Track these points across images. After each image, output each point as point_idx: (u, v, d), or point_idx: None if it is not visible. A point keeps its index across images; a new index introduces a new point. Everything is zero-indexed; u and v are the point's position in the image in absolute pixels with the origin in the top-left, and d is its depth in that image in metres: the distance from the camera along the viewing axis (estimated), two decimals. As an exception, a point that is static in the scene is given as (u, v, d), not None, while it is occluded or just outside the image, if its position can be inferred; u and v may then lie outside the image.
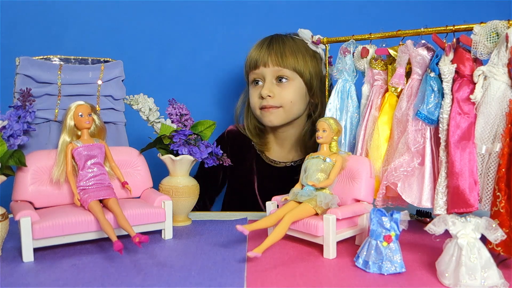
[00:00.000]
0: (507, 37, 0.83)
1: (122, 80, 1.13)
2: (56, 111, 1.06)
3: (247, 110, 1.39)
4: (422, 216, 1.10)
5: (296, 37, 1.29)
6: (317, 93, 1.30)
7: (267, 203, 0.96)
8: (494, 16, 0.90)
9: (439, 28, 0.94)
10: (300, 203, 0.88)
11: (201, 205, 1.43)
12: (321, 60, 1.29)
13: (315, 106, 1.32)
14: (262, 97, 1.28)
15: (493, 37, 0.86)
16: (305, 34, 1.27)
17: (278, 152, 1.39)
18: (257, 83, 1.31)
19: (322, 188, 0.90)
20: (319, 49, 1.27)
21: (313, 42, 1.26)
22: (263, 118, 1.31)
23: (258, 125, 1.38)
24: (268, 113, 1.28)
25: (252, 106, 1.33)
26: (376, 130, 1.00)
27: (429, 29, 0.96)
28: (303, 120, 1.35)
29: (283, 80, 1.27)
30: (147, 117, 1.09)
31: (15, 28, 1.50)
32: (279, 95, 1.27)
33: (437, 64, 0.91)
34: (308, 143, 1.32)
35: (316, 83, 1.29)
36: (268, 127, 1.36)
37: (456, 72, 0.90)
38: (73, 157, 0.91)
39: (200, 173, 1.43)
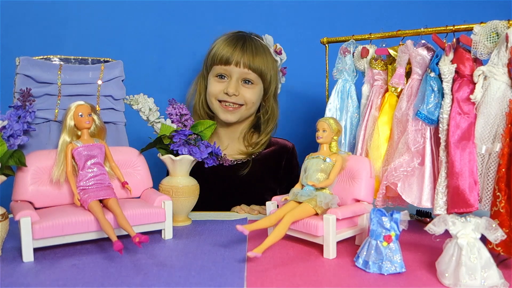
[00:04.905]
0: (507, 37, 0.83)
1: (122, 80, 1.13)
2: (56, 111, 1.06)
3: (199, 96, 1.42)
4: (422, 216, 1.10)
5: (262, 41, 1.37)
6: (270, 99, 1.40)
7: (267, 203, 0.96)
8: (494, 16, 0.90)
9: (439, 28, 0.94)
10: (300, 203, 0.88)
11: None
12: (277, 68, 1.39)
13: (265, 110, 1.41)
14: (226, 93, 1.32)
15: (493, 37, 0.86)
16: (270, 41, 1.36)
17: (225, 139, 1.43)
18: (221, 77, 1.35)
19: (322, 188, 0.90)
20: (278, 58, 1.38)
21: (275, 50, 1.35)
22: (221, 113, 1.36)
23: (208, 112, 1.42)
24: (228, 112, 1.35)
25: (210, 95, 1.36)
26: (376, 130, 1.00)
27: (429, 29, 0.96)
28: (251, 118, 1.43)
29: (248, 82, 1.34)
30: (147, 117, 1.09)
31: (15, 28, 1.50)
32: (243, 95, 1.34)
33: (437, 64, 0.91)
34: (251, 140, 1.43)
35: (271, 89, 1.38)
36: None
37: (456, 72, 0.90)
38: (73, 157, 0.91)
39: None
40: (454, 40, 0.91)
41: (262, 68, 1.32)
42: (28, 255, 0.80)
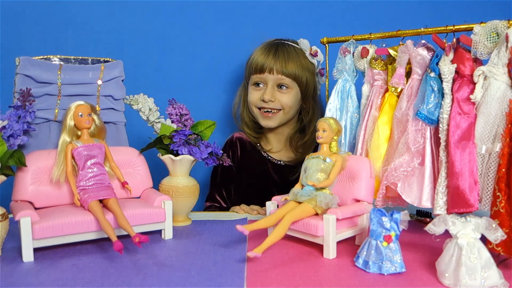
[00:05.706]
0: (507, 37, 0.83)
1: (122, 80, 1.13)
2: (56, 111, 1.06)
3: (244, 105, 1.48)
4: (422, 216, 1.10)
5: (296, 45, 1.40)
6: (310, 100, 1.43)
7: (267, 203, 0.96)
8: (494, 16, 0.90)
9: (439, 28, 0.94)
10: (300, 203, 0.88)
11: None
12: (314, 70, 1.40)
13: (306, 111, 1.44)
14: (263, 100, 1.37)
15: (493, 37, 0.86)
16: (305, 45, 1.39)
17: (275, 143, 1.48)
18: (258, 85, 1.40)
19: (322, 188, 0.90)
20: (314, 60, 1.39)
21: (310, 53, 1.37)
22: (261, 120, 1.41)
23: (253, 119, 1.47)
24: (267, 118, 1.39)
25: (250, 103, 1.43)
26: (376, 130, 1.00)
27: (429, 29, 0.96)
28: (294, 121, 1.47)
29: (283, 87, 1.37)
30: (147, 117, 1.09)
31: (15, 28, 1.50)
32: (280, 100, 1.37)
33: (437, 64, 0.91)
34: (298, 144, 1.45)
35: (309, 91, 1.40)
36: None
37: (456, 72, 0.90)
38: (73, 157, 0.91)
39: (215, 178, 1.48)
40: (454, 40, 0.91)
41: (296, 72, 1.34)
42: (28, 255, 0.80)
